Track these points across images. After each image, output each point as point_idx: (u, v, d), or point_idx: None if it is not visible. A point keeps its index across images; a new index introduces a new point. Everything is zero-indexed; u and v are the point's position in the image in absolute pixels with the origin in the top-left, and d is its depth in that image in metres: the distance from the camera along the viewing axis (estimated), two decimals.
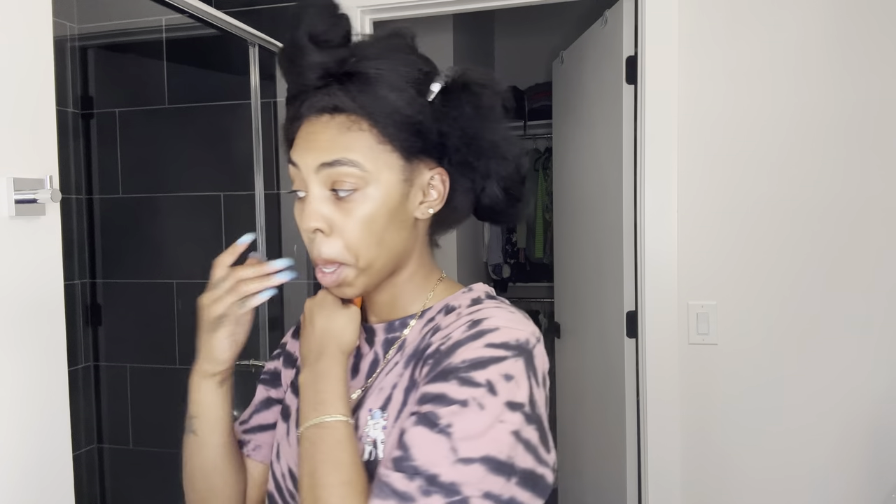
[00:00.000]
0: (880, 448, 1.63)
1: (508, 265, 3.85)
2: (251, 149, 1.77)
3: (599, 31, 2.05)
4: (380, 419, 0.68)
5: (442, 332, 0.68)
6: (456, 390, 0.61)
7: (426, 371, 0.65)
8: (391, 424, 0.67)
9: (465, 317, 0.68)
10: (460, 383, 0.61)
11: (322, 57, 0.66)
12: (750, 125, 1.66)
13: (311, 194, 0.67)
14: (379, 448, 0.67)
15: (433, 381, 0.63)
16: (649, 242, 1.72)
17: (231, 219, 2.06)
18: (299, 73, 0.68)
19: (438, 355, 0.65)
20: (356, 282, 0.69)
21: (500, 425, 0.61)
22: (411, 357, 0.71)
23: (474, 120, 0.70)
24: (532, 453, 0.63)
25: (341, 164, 0.66)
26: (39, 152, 0.96)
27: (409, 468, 0.59)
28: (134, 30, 2.13)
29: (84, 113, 2.21)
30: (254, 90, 1.74)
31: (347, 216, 0.67)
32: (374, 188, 0.67)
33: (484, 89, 0.70)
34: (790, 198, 1.65)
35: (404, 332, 0.75)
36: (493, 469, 0.59)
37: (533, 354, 0.65)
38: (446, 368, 0.63)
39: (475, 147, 0.71)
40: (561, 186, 2.59)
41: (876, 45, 1.59)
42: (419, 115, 0.67)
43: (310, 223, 0.67)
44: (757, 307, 1.68)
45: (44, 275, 0.96)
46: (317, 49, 0.66)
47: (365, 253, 0.68)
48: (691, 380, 1.72)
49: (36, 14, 0.95)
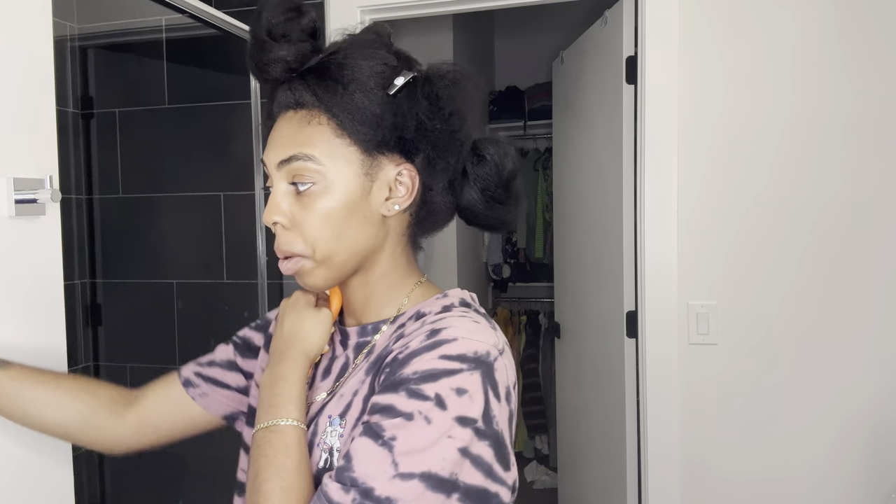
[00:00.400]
0: (880, 447, 1.63)
1: (508, 265, 3.85)
2: (251, 149, 1.77)
3: (599, 31, 2.05)
4: (337, 426, 0.67)
5: (404, 339, 0.66)
6: (404, 402, 0.59)
7: (383, 378, 0.64)
8: (347, 432, 0.66)
9: (427, 325, 0.65)
10: (408, 395, 0.59)
11: (281, 51, 0.66)
12: (750, 125, 1.66)
13: (274, 189, 0.68)
14: (334, 456, 0.66)
15: (384, 391, 0.61)
16: (649, 242, 1.72)
17: (231, 219, 2.06)
18: (261, 69, 0.69)
19: (395, 364, 0.63)
20: (315, 272, 0.69)
21: (446, 440, 0.58)
22: (374, 364, 0.69)
23: (431, 112, 0.68)
24: (482, 470, 0.61)
25: (297, 158, 0.66)
26: (39, 152, 0.96)
27: (347, 479, 0.58)
28: (134, 30, 2.13)
29: (84, 113, 2.20)
30: (254, 90, 1.74)
31: (306, 210, 0.67)
32: (331, 182, 0.66)
33: (441, 80, 0.68)
34: (790, 197, 1.65)
35: (375, 338, 0.73)
36: (432, 486, 0.58)
37: (493, 367, 0.62)
38: (398, 379, 0.61)
39: (434, 141, 0.69)
40: (561, 186, 2.59)
41: (875, 46, 1.59)
42: (377, 108, 0.66)
43: (270, 217, 0.67)
44: (757, 307, 1.68)
45: (44, 275, 0.96)
46: (275, 44, 0.66)
47: (322, 246, 0.67)
48: (691, 380, 1.72)
49: (36, 14, 0.95)
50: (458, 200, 0.74)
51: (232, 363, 0.85)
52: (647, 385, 1.74)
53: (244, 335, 0.87)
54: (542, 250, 3.69)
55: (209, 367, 0.85)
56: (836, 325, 1.64)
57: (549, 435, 3.56)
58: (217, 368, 0.85)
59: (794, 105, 1.64)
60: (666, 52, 1.69)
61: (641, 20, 1.73)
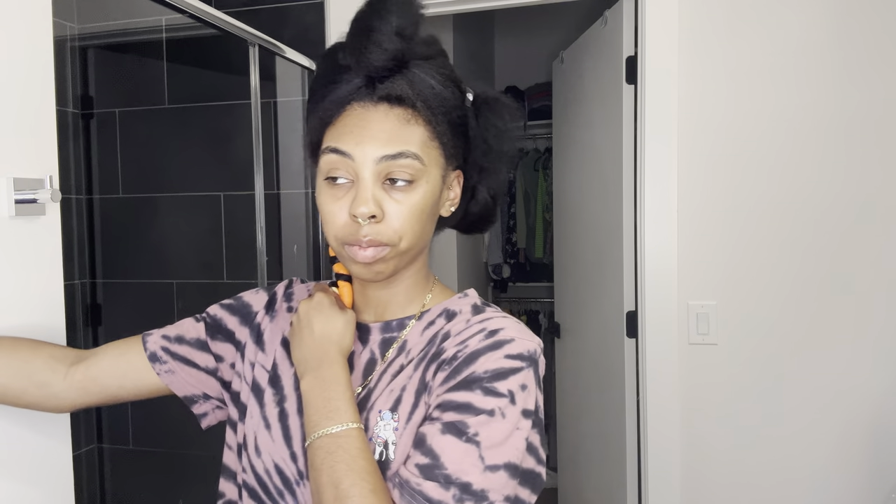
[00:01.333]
0: (880, 448, 1.63)
1: (508, 265, 3.85)
2: (251, 149, 1.77)
3: (599, 31, 2.05)
4: (390, 420, 0.69)
5: (455, 338, 0.71)
6: (481, 400, 0.64)
7: (443, 377, 0.68)
8: (402, 426, 0.68)
9: (475, 324, 0.71)
10: (485, 393, 0.65)
11: (396, 45, 0.66)
12: (750, 125, 1.66)
13: (365, 182, 0.67)
14: (390, 449, 0.68)
15: (456, 389, 0.66)
16: (649, 242, 1.72)
17: (231, 219, 2.06)
18: (364, 51, 0.66)
19: (457, 363, 0.67)
20: (391, 261, 0.70)
21: (517, 432, 0.65)
22: (421, 360, 0.72)
23: (499, 133, 0.76)
24: (534, 455, 0.68)
25: (406, 156, 0.67)
26: (39, 152, 0.96)
27: (441, 476, 0.62)
28: (134, 30, 2.13)
29: (84, 113, 2.21)
30: (254, 90, 1.74)
31: (398, 204, 0.68)
32: (425, 181, 0.69)
33: (500, 103, 0.76)
34: (790, 197, 1.65)
35: (403, 333, 0.75)
36: (511, 474, 0.64)
37: (539, 364, 0.69)
38: (469, 378, 0.66)
39: (492, 157, 0.76)
40: (561, 186, 2.59)
41: (877, 45, 1.59)
42: (464, 118, 0.72)
43: (368, 209, 0.66)
44: (757, 307, 1.68)
45: (44, 275, 0.96)
46: (395, 36, 0.66)
47: (408, 238, 0.69)
48: (691, 380, 1.72)
49: (36, 14, 0.95)
50: (470, 206, 0.80)
51: (203, 343, 0.83)
52: (647, 385, 1.74)
53: (215, 314, 0.84)
54: (542, 250, 3.69)
55: (178, 343, 0.83)
56: (837, 326, 1.64)
57: (549, 435, 3.56)
58: (186, 346, 0.82)
59: (794, 105, 1.64)
60: (666, 52, 1.69)
61: (641, 20, 1.73)
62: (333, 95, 0.69)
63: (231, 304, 0.85)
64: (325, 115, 0.70)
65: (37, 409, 0.82)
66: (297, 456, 0.72)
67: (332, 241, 0.71)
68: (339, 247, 0.70)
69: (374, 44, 0.65)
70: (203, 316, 0.85)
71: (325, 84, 0.70)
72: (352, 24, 0.68)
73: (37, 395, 0.80)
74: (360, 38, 0.66)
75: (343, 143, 0.68)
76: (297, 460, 0.72)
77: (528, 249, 3.77)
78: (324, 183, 0.70)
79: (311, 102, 0.73)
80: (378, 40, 0.65)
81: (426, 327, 0.75)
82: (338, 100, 0.69)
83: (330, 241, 0.71)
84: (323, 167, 0.69)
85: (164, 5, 1.30)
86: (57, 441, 0.97)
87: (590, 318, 2.26)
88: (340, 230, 0.69)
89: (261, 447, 0.74)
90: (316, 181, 0.72)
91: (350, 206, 0.67)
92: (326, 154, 0.69)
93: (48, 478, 0.96)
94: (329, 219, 0.69)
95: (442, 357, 0.69)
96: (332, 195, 0.69)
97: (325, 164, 0.69)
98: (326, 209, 0.69)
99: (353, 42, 0.67)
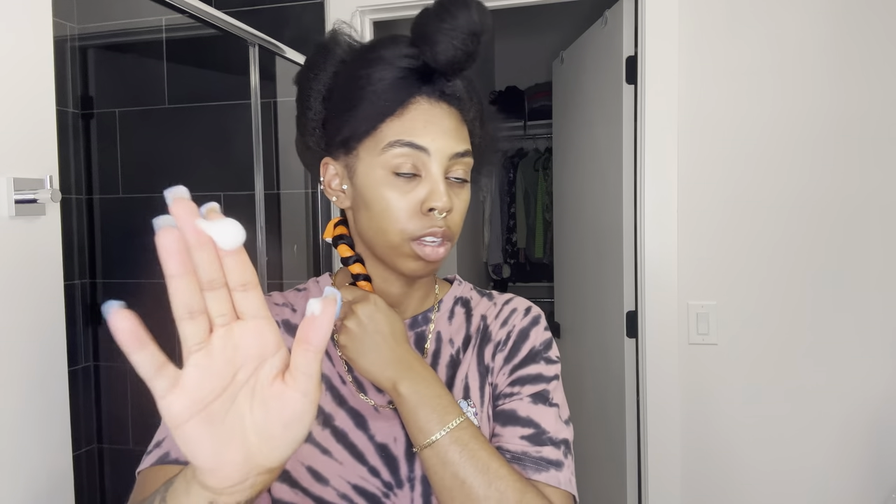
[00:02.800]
0: (881, 448, 1.63)
1: (508, 265, 3.85)
2: (251, 149, 1.77)
3: (599, 31, 2.05)
4: (468, 408, 0.72)
5: (495, 322, 0.78)
6: (546, 368, 0.74)
7: (503, 357, 0.75)
8: (478, 410, 0.72)
9: (504, 306, 0.79)
10: (546, 363, 0.75)
11: (473, 46, 0.67)
12: (750, 125, 1.66)
13: (438, 176, 0.68)
14: None
15: (524, 365, 0.74)
16: (649, 242, 1.72)
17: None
18: (447, 48, 0.65)
19: (511, 343, 0.75)
20: (444, 257, 0.72)
21: (561, 387, 0.76)
22: (470, 346, 0.77)
23: (493, 142, 0.80)
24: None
25: (468, 155, 0.71)
26: (39, 152, 0.96)
27: (549, 440, 0.70)
28: (134, 30, 2.13)
29: (84, 113, 2.20)
30: (254, 90, 1.74)
31: (457, 199, 0.71)
32: (469, 180, 0.74)
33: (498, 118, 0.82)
34: (790, 197, 1.65)
35: (430, 327, 0.78)
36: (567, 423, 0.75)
37: None
38: (531, 353, 0.75)
39: (485, 160, 0.81)
40: (561, 186, 2.59)
41: (877, 45, 1.59)
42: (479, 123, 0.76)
43: (446, 203, 0.67)
44: (757, 307, 1.68)
45: (44, 275, 0.96)
46: (473, 36, 0.66)
47: (458, 232, 0.73)
48: (691, 380, 1.72)
49: (36, 14, 0.95)
50: None
51: None
52: (647, 385, 1.74)
53: None
54: (542, 250, 3.69)
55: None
56: (837, 326, 1.64)
57: None
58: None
59: (794, 104, 1.64)
60: (666, 52, 1.69)
61: (641, 20, 1.73)
62: (397, 85, 0.67)
63: None
64: (385, 105, 0.67)
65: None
66: (377, 470, 0.70)
67: (395, 236, 0.68)
68: (404, 242, 0.68)
69: (458, 42, 0.65)
70: None
71: (379, 69, 0.67)
72: (431, 15, 0.66)
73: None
74: (446, 34, 0.65)
75: (417, 138, 0.67)
76: (380, 474, 0.69)
77: (528, 249, 3.77)
78: (391, 177, 0.67)
79: (351, 86, 0.69)
80: (462, 40, 0.65)
81: (450, 317, 0.79)
82: (403, 90, 0.67)
83: (391, 237, 0.68)
84: (391, 160, 0.67)
85: (164, 5, 1.30)
86: (57, 441, 0.97)
87: (590, 318, 2.26)
88: (410, 224, 0.67)
89: (325, 475, 0.69)
90: (368, 173, 0.69)
91: (425, 200, 0.67)
92: (397, 147, 0.67)
93: (48, 478, 0.96)
94: (397, 214, 0.67)
95: (495, 340, 0.76)
96: (402, 189, 0.67)
97: (394, 158, 0.67)
98: (396, 204, 0.67)
99: (434, 35, 0.65)
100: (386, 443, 0.71)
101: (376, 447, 0.70)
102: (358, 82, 0.68)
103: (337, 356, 0.75)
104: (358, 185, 0.70)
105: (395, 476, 0.70)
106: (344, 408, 0.72)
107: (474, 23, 0.65)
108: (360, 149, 0.70)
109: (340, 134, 0.70)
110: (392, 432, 0.71)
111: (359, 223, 0.72)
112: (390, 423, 0.72)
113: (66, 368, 1.00)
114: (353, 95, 0.68)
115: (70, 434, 1.00)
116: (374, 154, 0.68)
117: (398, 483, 0.69)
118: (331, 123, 0.72)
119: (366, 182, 0.69)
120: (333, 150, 0.73)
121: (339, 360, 0.75)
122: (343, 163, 0.72)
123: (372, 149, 0.68)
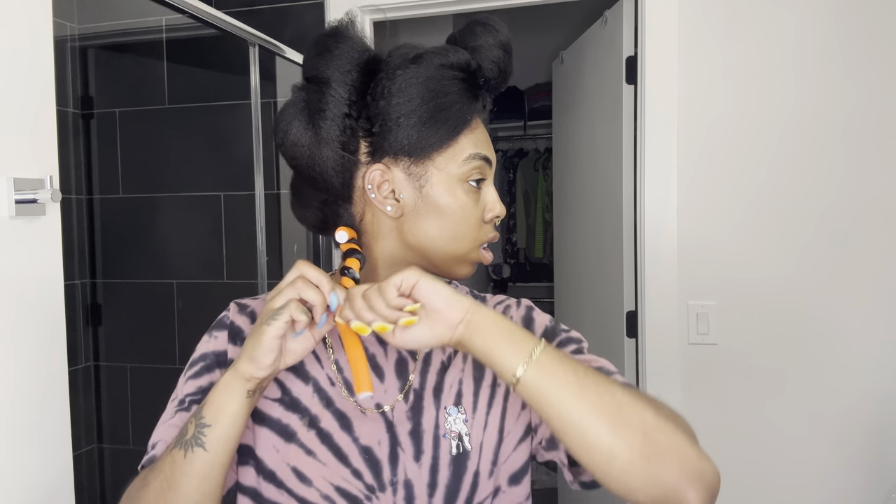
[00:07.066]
0: (880, 447, 1.63)
1: (508, 265, 3.85)
2: (251, 149, 1.77)
3: (599, 31, 2.05)
4: (458, 414, 0.71)
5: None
6: (570, 335, 0.79)
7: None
8: (471, 415, 0.71)
9: (497, 305, 0.81)
10: (565, 333, 0.79)
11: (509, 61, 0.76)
12: (750, 125, 1.66)
13: (493, 187, 0.75)
14: (465, 441, 0.70)
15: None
16: (649, 242, 1.72)
17: (231, 219, 2.06)
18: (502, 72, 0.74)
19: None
20: None
21: None
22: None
23: None
24: None
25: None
26: (39, 152, 0.96)
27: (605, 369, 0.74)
28: (134, 30, 2.13)
29: (84, 113, 2.21)
30: (254, 90, 1.74)
31: None
32: None
33: None
34: (790, 197, 1.65)
35: None
36: None
37: None
38: (546, 331, 0.78)
39: None
40: (561, 186, 2.59)
41: (876, 45, 1.59)
42: None
43: (503, 211, 0.75)
44: (757, 307, 1.68)
45: (44, 275, 0.96)
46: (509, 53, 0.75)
47: None
48: (691, 380, 1.72)
49: (36, 14, 0.95)
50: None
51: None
52: (647, 385, 1.74)
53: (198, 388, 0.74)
54: (542, 250, 3.69)
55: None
56: (837, 326, 1.64)
57: None
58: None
59: (794, 104, 1.64)
60: (666, 52, 1.69)
61: (641, 20, 1.73)
62: (469, 97, 0.72)
63: (199, 368, 0.75)
64: (462, 120, 0.71)
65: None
66: (360, 472, 0.69)
67: (468, 243, 0.73)
68: (473, 249, 0.74)
69: (506, 65, 0.74)
70: (184, 404, 0.73)
71: (457, 83, 0.70)
72: (478, 32, 0.73)
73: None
74: (503, 58, 0.74)
75: (486, 150, 0.73)
76: (363, 476, 0.69)
77: (528, 249, 3.77)
78: (467, 186, 0.72)
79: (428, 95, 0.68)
80: (508, 63, 0.74)
81: None
82: (473, 103, 0.72)
83: (464, 243, 0.72)
84: (469, 172, 0.71)
85: (164, 5, 1.30)
86: (57, 441, 0.97)
87: (590, 318, 2.26)
88: (480, 231, 0.74)
89: (308, 475, 0.69)
90: (446, 182, 0.70)
91: (490, 209, 0.74)
92: (476, 160, 0.72)
93: (48, 478, 0.96)
94: (472, 221, 0.72)
95: None
96: (474, 199, 0.72)
97: (472, 170, 0.72)
98: (471, 212, 0.72)
99: (491, 51, 0.73)
100: (370, 446, 0.70)
101: (360, 449, 0.70)
102: (440, 91, 0.69)
103: (327, 357, 0.74)
104: (431, 194, 0.70)
105: (378, 479, 0.69)
106: (330, 409, 0.72)
107: (508, 40, 0.74)
108: (438, 157, 0.70)
109: (410, 140, 0.69)
110: (377, 435, 0.71)
111: (418, 231, 0.71)
112: (376, 425, 0.71)
113: (66, 368, 1.00)
114: (435, 105, 0.68)
115: (70, 434, 1.00)
116: (454, 164, 0.71)
117: (381, 486, 0.69)
118: (392, 128, 0.69)
119: (443, 191, 0.71)
120: (386, 155, 0.70)
121: (329, 361, 0.74)
122: (404, 170, 0.70)
123: (452, 158, 0.71)
